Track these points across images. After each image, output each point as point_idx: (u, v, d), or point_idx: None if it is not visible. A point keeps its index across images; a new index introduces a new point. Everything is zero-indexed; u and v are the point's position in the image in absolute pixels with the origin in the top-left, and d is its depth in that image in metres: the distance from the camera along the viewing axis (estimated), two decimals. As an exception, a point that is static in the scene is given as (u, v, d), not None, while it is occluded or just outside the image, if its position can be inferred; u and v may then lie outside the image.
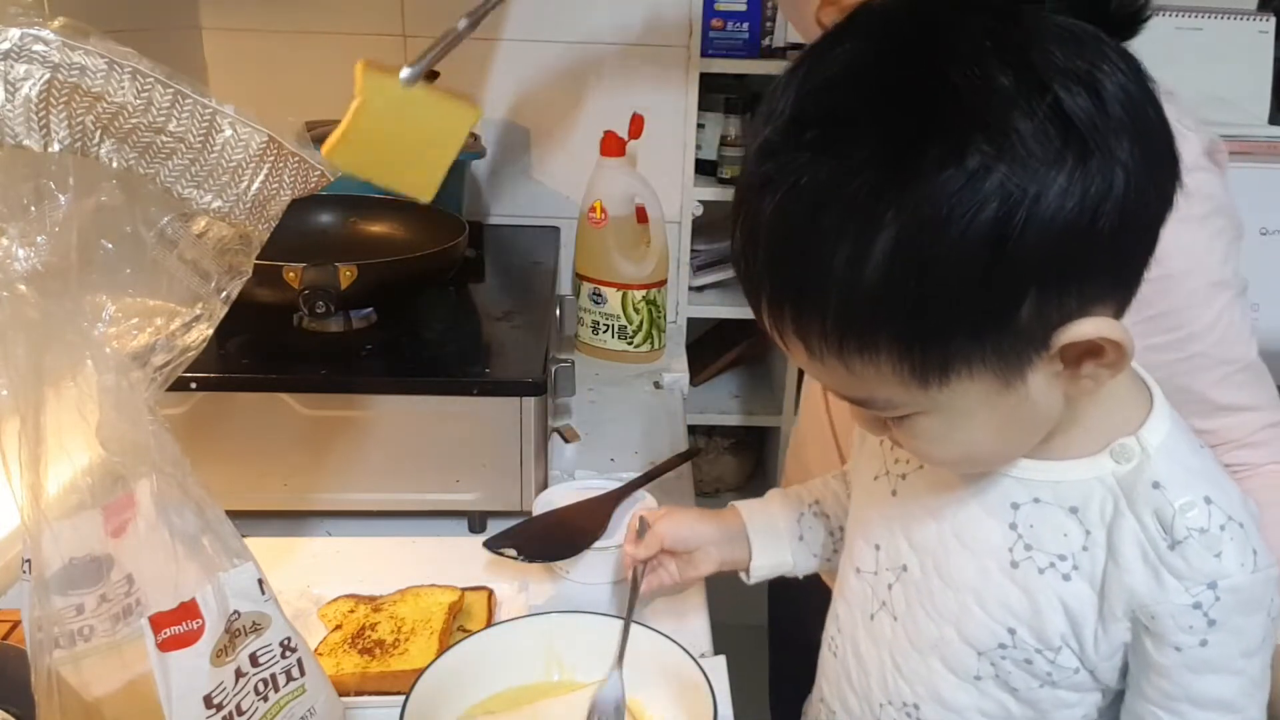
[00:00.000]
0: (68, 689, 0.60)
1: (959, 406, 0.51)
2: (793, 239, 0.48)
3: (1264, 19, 1.50)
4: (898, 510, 0.64)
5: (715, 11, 1.58)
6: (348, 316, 1.09)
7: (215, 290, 0.64)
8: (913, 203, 0.45)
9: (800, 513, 0.82)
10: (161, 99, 0.59)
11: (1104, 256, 0.47)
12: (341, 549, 1.00)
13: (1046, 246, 0.45)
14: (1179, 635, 0.53)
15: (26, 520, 0.58)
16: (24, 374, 0.56)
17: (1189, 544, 0.52)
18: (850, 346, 0.49)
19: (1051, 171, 0.44)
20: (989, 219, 0.44)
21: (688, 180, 1.64)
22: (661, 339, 1.52)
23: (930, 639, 0.61)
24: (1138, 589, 0.54)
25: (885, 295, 0.46)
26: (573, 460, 1.18)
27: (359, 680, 0.79)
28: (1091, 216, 0.45)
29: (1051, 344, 0.49)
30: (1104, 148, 0.45)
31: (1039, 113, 0.44)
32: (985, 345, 0.48)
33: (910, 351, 0.48)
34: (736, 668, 0.82)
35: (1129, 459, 0.55)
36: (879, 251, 0.46)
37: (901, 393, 0.51)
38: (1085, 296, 0.48)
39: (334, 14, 1.55)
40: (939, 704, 0.61)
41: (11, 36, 0.55)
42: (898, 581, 0.63)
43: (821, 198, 0.46)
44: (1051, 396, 0.52)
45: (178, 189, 0.62)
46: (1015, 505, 0.58)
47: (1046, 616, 0.56)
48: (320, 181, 0.67)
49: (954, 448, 0.55)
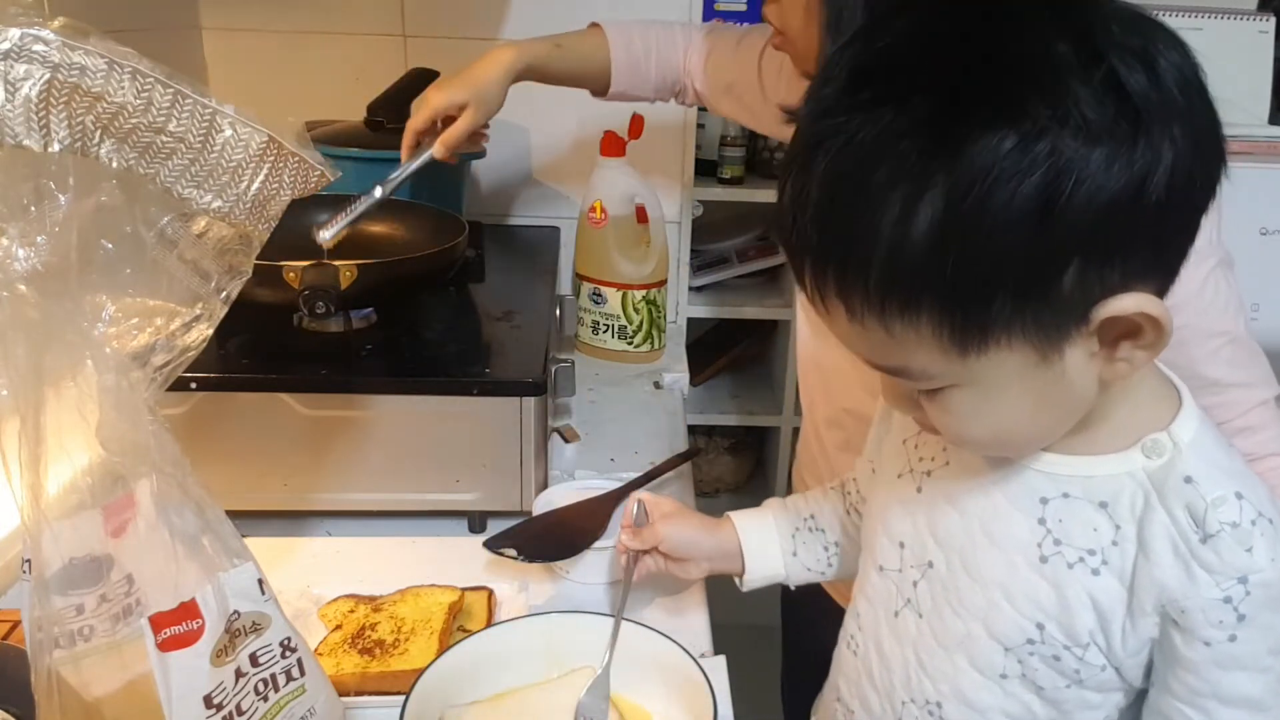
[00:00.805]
0: (68, 689, 0.60)
1: (994, 379, 0.51)
2: (842, 197, 0.48)
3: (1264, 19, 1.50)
4: (923, 507, 0.64)
5: (715, 11, 1.58)
6: (348, 316, 1.09)
7: (215, 290, 0.64)
8: (963, 164, 0.45)
9: (795, 528, 0.83)
10: (161, 99, 0.59)
11: (1148, 232, 0.48)
12: (341, 549, 1.00)
13: (1094, 215, 0.46)
14: (1208, 630, 0.53)
15: (26, 520, 0.58)
16: (24, 374, 0.56)
17: (1221, 538, 0.52)
18: (892, 308, 0.49)
19: (1103, 141, 0.45)
20: (1037, 183, 0.45)
21: (688, 180, 1.64)
22: (661, 339, 1.52)
23: (957, 636, 0.61)
24: (1168, 583, 0.53)
25: (931, 256, 0.47)
26: (573, 460, 1.18)
27: (359, 680, 0.79)
28: (1139, 190, 0.46)
29: (1091, 318, 0.49)
30: (1156, 124, 0.46)
31: (1095, 82, 0.45)
32: (1026, 314, 0.48)
33: (951, 315, 0.48)
34: (736, 668, 0.82)
35: (1161, 454, 0.55)
36: (927, 212, 0.46)
37: (939, 360, 0.51)
38: (1128, 272, 0.48)
39: (334, 14, 1.55)
40: (963, 703, 0.61)
41: (11, 36, 0.55)
42: (923, 578, 0.63)
43: (873, 156, 0.47)
44: (1086, 377, 0.52)
45: (178, 189, 0.62)
46: (1044, 500, 0.58)
47: (1075, 612, 0.56)
48: (320, 181, 0.67)
49: (985, 426, 0.54)
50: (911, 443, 0.67)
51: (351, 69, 1.56)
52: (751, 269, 1.79)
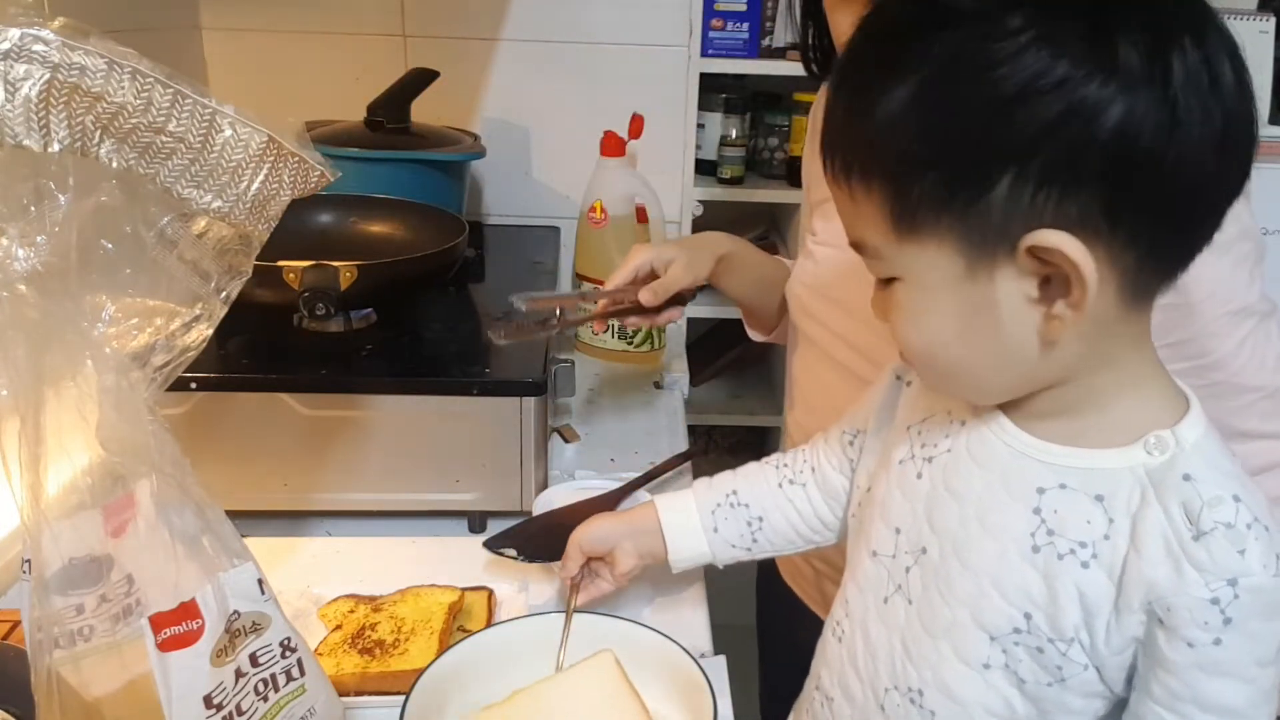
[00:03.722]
0: (68, 689, 0.60)
1: (928, 280, 0.54)
2: (856, 64, 0.55)
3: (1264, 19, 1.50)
4: (922, 493, 0.64)
5: (715, 11, 1.58)
6: (348, 316, 1.09)
7: (215, 290, 0.64)
8: (943, 44, 0.50)
9: (717, 504, 0.82)
10: (161, 99, 0.59)
11: (1093, 176, 0.48)
12: (341, 549, 1.00)
13: (1035, 129, 0.48)
14: (1193, 630, 0.52)
15: (26, 520, 0.58)
16: (24, 374, 0.56)
17: (1214, 537, 0.52)
18: (856, 173, 0.54)
19: (1066, 64, 0.47)
20: (994, 79, 0.48)
21: (688, 180, 1.64)
22: (661, 339, 1.52)
23: (944, 623, 0.61)
24: (1158, 580, 0.53)
25: (893, 127, 0.51)
26: (573, 460, 1.18)
27: (359, 680, 0.79)
28: (1085, 122, 0.47)
29: (1018, 246, 0.50)
30: (1123, 79, 0.47)
31: (1091, 23, 0.48)
32: (954, 209, 0.51)
33: (894, 189, 0.53)
34: (736, 668, 0.82)
35: (1163, 451, 0.55)
36: (904, 85, 0.51)
37: (886, 241, 0.55)
38: (1064, 211, 0.49)
39: (334, 14, 1.55)
40: (944, 692, 0.61)
41: (11, 36, 0.55)
42: (916, 565, 0.63)
43: (888, 33, 0.54)
44: (1022, 324, 0.53)
45: (178, 189, 0.62)
46: (1041, 490, 0.58)
47: (1062, 604, 0.56)
48: (320, 181, 0.67)
49: (920, 332, 0.57)
50: (915, 429, 0.67)
51: (351, 69, 1.56)
52: (751, 269, 1.79)
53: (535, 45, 1.58)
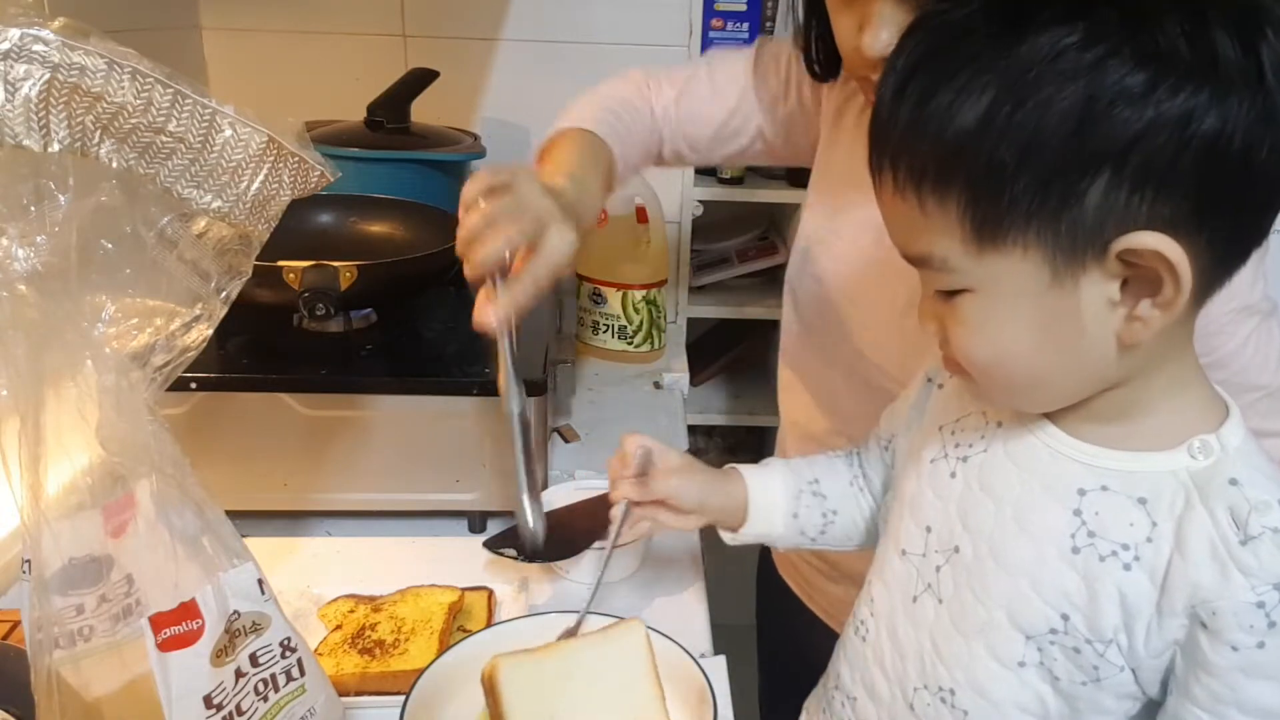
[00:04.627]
0: (68, 689, 0.60)
1: (1005, 288, 0.52)
2: (920, 70, 0.52)
3: (1264, 19, 1.50)
4: (956, 492, 0.63)
5: (715, 11, 1.58)
6: (348, 316, 1.08)
7: (215, 290, 0.64)
8: (1022, 51, 0.48)
9: (800, 490, 0.81)
10: (161, 99, 0.59)
11: (1187, 179, 0.48)
12: (341, 549, 1.00)
13: (1131, 134, 0.47)
14: (1237, 634, 0.52)
15: (26, 520, 0.58)
16: (24, 374, 0.56)
17: (1262, 541, 0.52)
18: (929, 182, 0.52)
19: (1157, 68, 0.47)
20: (1084, 85, 0.47)
21: (688, 180, 1.64)
22: (661, 339, 1.52)
23: (977, 622, 0.60)
24: (1203, 583, 0.53)
25: (973, 135, 0.50)
26: (573, 460, 1.18)
27: (359, 680, 0.79)
28: (1180, 127, 0.47)
29: (1109, 250, 0.50)
30: (1220, 81, 0.47)
31: (1181, 18, 0.47)
32: (1045, 215, 0.50)
33: (976, 200, 0.51)
34: (736, 668, 0.82)
35: (1208, 455, 0.55)
36: (981, 93, 0.49)
37: (959, 252, 0.53)
38: (1157, 213, 0.49)
39: (334, 14, 1.55)
40: (976, 691, 0.61)
41: (11, 36, 0.55)
42: (947, 564, 0.63)
43: (953, 37, 0.51)
44: (1102, 329, 0.52)
45: (178, 189, 0.62)
46: (1082, 492, 0.57)
47: (1102, 605, 0.56)
48: (320, 181, 0.67)
49: (990, 343, 0.55)
50: (949, 429, 0.66)
51: (351, 69, 1.56)
52: (751, 269, 1.79)
53: (535, 45, 1.58)
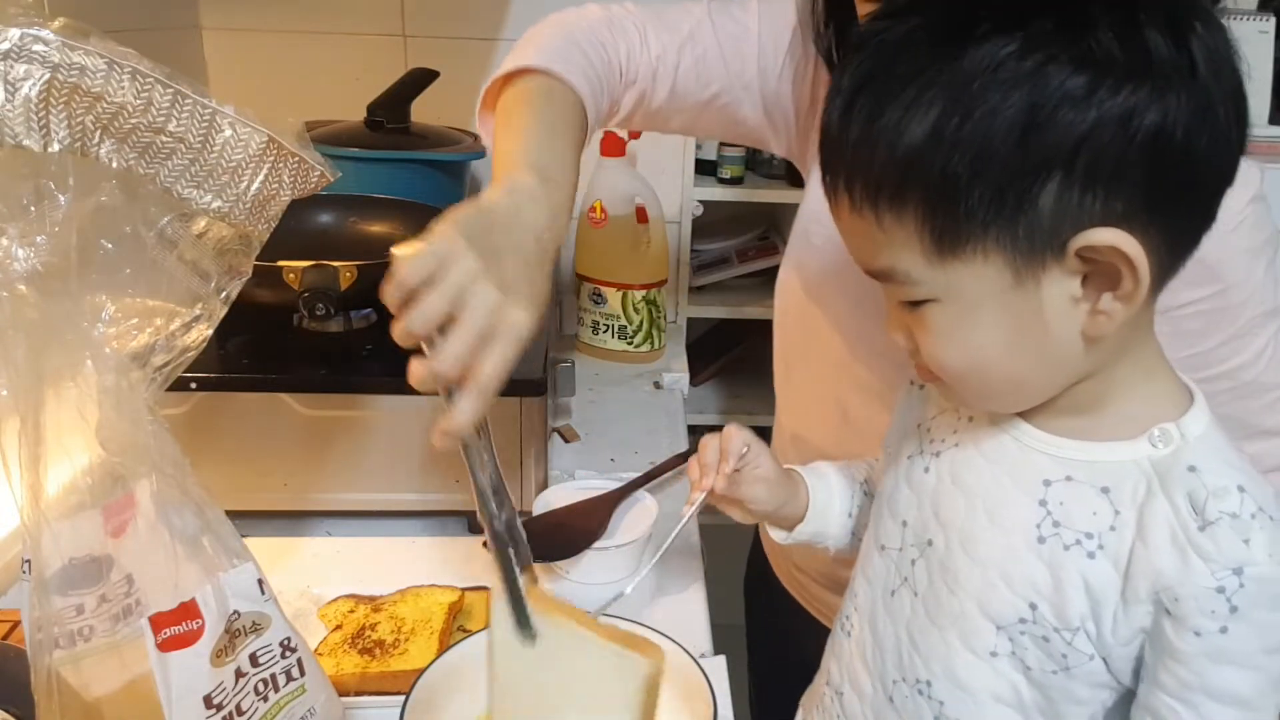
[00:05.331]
0: (68, 689, 0.60)
1: (970, 296, 0.53)
2: (865, 89, 0.53)
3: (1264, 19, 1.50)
4: (929, 487, 0.64)
5: (715, 11, 1.58)
6: (348, 316, 1.08)
7: (215, 290, 0.64)
8: (964, 64, 0.49)
9: (853, 490, 0.80)
10: (161, 99, 0.59)
11: (1135, 174, 0.49)
12: (341, 549, 1.00)
13: (1076, 136, 0.48)
14: (1200, 619, 0.53)
15: (26, 520, 0.58)
16: (24, 374, 0.56)
17: (1219, 526, 0.52)
18: (884, 199, 0.53)
19: (1094, 70, 0.48)
20: (1027, 93, 0.48)
21: (688, 180, 1.64)
22: (661, 339, 1.52)
23: (950, 613, 0.61)
24: (1164, 570, 0.54)
25: (923, 150, 0.50)
26: (573, 460, 1.18)
27: (359, 680, 0.79)
28: (1122, 124, 0.48)
29: (1068, 249, 0.50)
30: (1156, 77, 0.48)
31: (1113, 20, 0.48)
32: (1002, 222, 0.50)
33: (933, 213, 0.51)
34: (736, 668, 0.82)
35: (1168, 443, 0.56)
36: (928, 107, 0.50)
37: (921, 264, 0.53)
38: (1110, 209, 0.49)
39: (334, 14, 1.55)
40: (952, 682, 0.61)
41: (11, 36, 0.55)
42: (921, 557, 0.64)
43: (895, 55, 0.52)
44: (1067, 325, 0.53)
45: (178, 189, 0.62)
46: (1047, 483, 0.58)
47: (1068, 594, 0.56)
48: (320, 181, 0.67)
49: (961, 350, 0.56)
50: (925, 426, 0.67)
51: (351, 69, 1.56)
52: (751, 269, 1.79)
53: (535, 45, 1.58)
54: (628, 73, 0.86)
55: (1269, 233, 0.73)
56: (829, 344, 0.91)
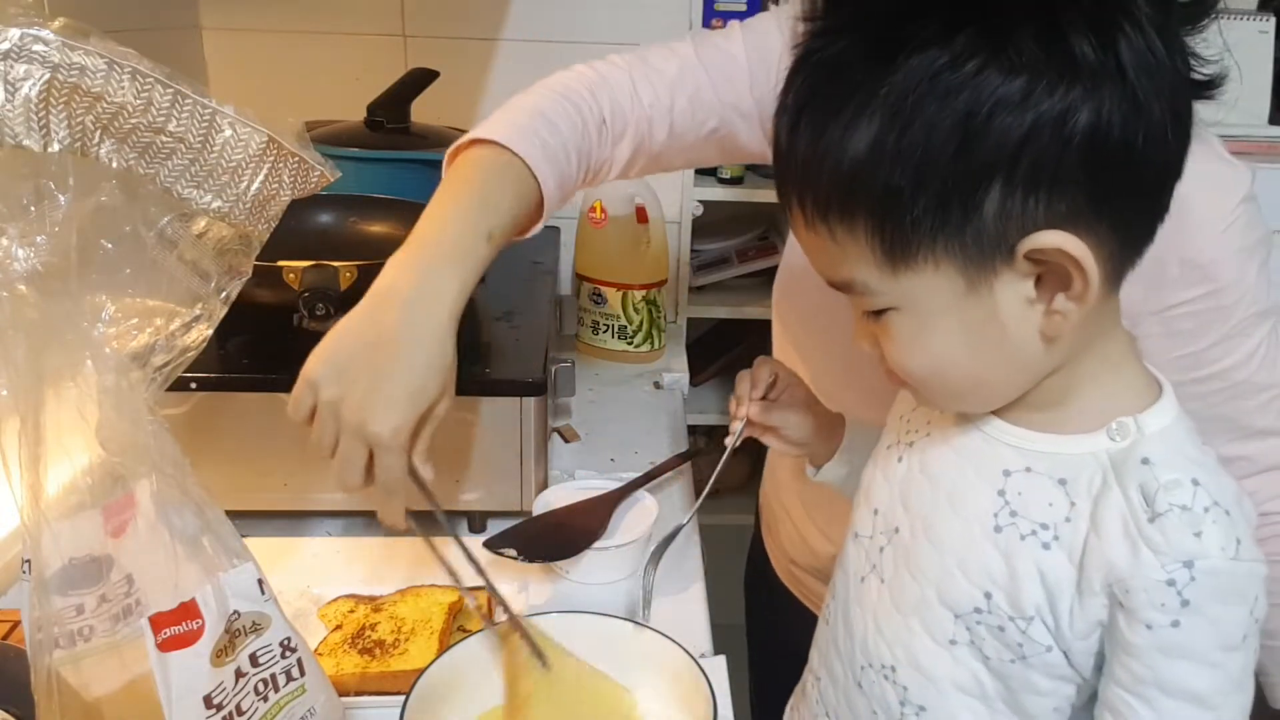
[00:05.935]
0: (68, 689, 0.60)
1: (927, 305, 0.54)
2: (808, 108, 0.54)
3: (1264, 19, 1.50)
4: (900, 476, 0.65)
5: (715, 11, 1.58)
6: (348, 317, 1.08)
7: (215, 290, 0.64)
8: (899, 78, 0.49)
9: None
10: (161, 99, 0.59)
11: (1075, 176, 0.50)
12: (341, 549, 1.00)
13: (1014, 142, 0.48)
14: (1150, 612, 0.53)
15: (26, 520, 0.58)
16: (24, 374, 0.56)
17: (1168, 518, 0.52)
18: (834, 214, 0.54)
19: (1025, 74, 0.48)
20: (964, 101, 0.48)
21: (688, 180, 1.64)
22: (661, 339, 1.52)
23: (912, 600, 0.62)
24: (1116, 562, 0.54)
25: (866, 164, 0.51)
26: (573, 460, 1.18)
27: (359, 680, 0.79)
28: (1056, 127, 0.48)
29: (1016, 251, 0.51)
30: (1085, 79, 0.48)
31: (1038, 27, 0.48)
32: (949, 231, 0.51)
33: (881, 225, 0.52)
34: (736, 668, 0.82)
35: (1125, 436, 0.56)
36: (868, 122, 0.50)
37: (876, 275, 0.54)
38: (1054, 211, 0.50)
39: (334, 14, 1.55)
40: (915, 668, 0.62)
41: (11, 36, 0.55)
42: (889, 544, 0.64)
43: (834, 72, 0.53)
44: (1024, 326, 0.54)
45: (178, 189, 0.62)
46: (1007, 472, 0.59)
47: (1022, 584, 0.57)
48: (320, 181, 0.67)
49: (923, 356, 0.56)
50: (905, 418, 0.68)
51: (351, 69, 1.56)
52: (751, 269, 1.79)
53: (535, 45, 1.58)
54: (614, 128, 0.87)
55: (1261, 233, 0.73)
56: (828, 343, 0.92)
